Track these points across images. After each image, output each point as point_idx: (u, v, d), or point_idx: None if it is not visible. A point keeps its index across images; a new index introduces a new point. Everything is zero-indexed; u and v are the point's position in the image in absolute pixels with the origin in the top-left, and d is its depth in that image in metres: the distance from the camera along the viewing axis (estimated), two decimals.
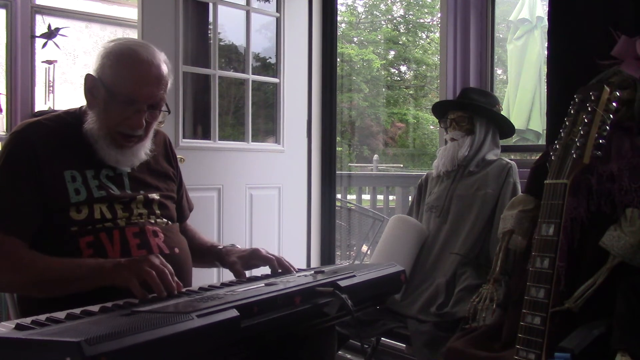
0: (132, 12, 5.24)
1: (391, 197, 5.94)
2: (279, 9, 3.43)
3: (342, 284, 1.25)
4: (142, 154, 1.57)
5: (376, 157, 12.02)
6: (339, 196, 4.60)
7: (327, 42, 3.55)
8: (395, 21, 15.21)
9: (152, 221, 1.57)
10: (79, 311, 1.09)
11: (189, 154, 3.04)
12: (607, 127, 1.39)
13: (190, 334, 0.91)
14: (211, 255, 1.74)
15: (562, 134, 1.44)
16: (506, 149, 2.78)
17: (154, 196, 1.61)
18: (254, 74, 3.41)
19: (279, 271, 1.57)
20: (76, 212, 1.45)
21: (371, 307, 1.50)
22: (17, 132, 1.50)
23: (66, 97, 5.03)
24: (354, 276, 1.32)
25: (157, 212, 1.60)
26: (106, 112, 1.49)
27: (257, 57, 3.78)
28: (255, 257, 1.65)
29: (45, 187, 1.44)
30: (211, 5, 3.24)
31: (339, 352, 2.89)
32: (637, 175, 1.56)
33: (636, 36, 1.73)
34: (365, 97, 13.90)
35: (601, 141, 1.39)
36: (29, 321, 1.00)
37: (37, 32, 3.98)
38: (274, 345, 1.17)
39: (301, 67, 3.50)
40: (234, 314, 1.00)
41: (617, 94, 1.44)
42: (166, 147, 1.75)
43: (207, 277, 2.90)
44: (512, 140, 3.50)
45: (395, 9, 15.43)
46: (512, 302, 1.67)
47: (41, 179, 1.44)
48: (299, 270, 1.60)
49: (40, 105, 4.08)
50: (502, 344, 1.63)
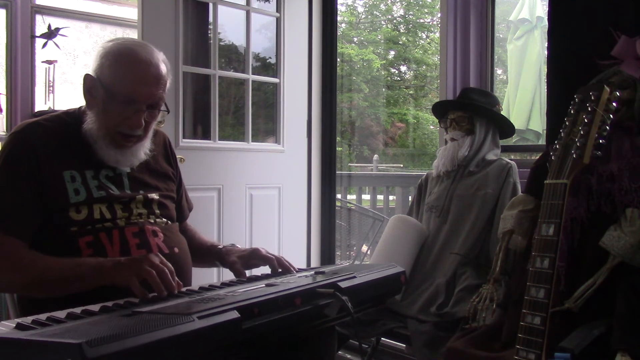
0: (132, 12, 5.24)
1: (391, 197, 5.94)
2: (279, 9, 3.43)
3: (343, 285, 1.24)
4: (142, 153, 1.57)
5: (376, 157, 12.01)
6: (339, 196, 4.60)
7: (327, 42, 3.55)
8: (395, 21, 15.21)
9: (152, 221, 1.56)
10: (79, 311, 1.09)
11: (189, 154, 3.04)
12: (607, 127, 1.39)
13: (191, 336, 0.91)
14: (211, 255, 1.74)
15: (562, 134, 1.44)
16: (506, 149, 2.78)
17: (154, 196, 1.60)
18: (254, 74, 3.40)
19: (279, 271, 1.57)
20: (76, 212, 1.45)
21: (371, 308, 1.50)
22: (17, 132, 1.49)
23: (66, 97, 5.03)
24: (355, 277, 1.31)
25: (157, 212, 1.60)
26: (105, 112, 1.49)
27: (257, 57, 3.77)
28: (255, 257, 1.65)
29: (44, 188, 1.44)
30: (211, 5, 3.24)
31: (339, 352, 2.89)
32: (637, 175, 1.56)
33: (636, 36, 1.73)
34: (365, 97, 13.89)
35: (601, 141, 1.39)
36: (29, 321, 1.00)
37: (37, 32, 3.98)
38: (274, 346, 1.17)
39: (301, 67, 3.50)
40: (235, 315, 1.00)
41: (617, 94, 1.44)
42: (166, 147, 1.75)
43: (207, 276, 2.90)
44: (512, 140, 3.50)
45: (395, 9, 15.43)
46: (512, 302, 1.67)
47: (41, 179, 1.44)
48: (299, 270, 1.60)
49: (40, 105, 4.07)
50: (502, 344, 1.63)
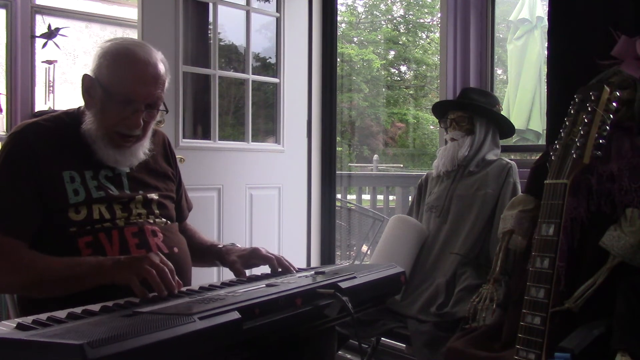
0: (132, 12, 5.24)
1: (391, 197, 5.94)
2: (279, 9, 3.43)
3: (343, 285, 1.24)
4: (141, 153, 1.57)
5: (376, 157, 12.01)
6: (339, 196, 4.60)
7: (327, 42, 3.55)
8: (395, 21, 15.21)
9: (151, 221, 1.56)
10: (80, 311, 1.08)
11: (189, 154, 3.04)
12: (607, 127, 1.39)
13: (192, 336, 0.91)
14: (211, 254, 1.74)
15: (562, 134, 1.45)
16: (506, 149, 2.78)
17: (153, 196, 1.60)
18: (254, 74, 3.40)
19: (279, 270, 1.57)
20: (75, 212, 1.45)
21: (371, 308, 1.50)
22: (16, 133, 1.49)
23: (66, 97, 5.03)
24: (355, 277, 1.31)
25: (156, 212, 1.59)
26: (104, 112, 1.48)
27: (257, 57, 3.77)
28: (255, 257, 1.65)
29: (44, 188, 1.44)
30: (211, 5, 3.24)
31: (339, 352, 2.89)
32: (637, 175, 1.56)
33: (636, 36, 1.73)
34: (365, 97, 13.89)
35: (601, 141, 1.39)
36: (30, 321, 0.99)
37: (37, 32, 3.98)
38: (274, 346, 1.17)
39: (301, 67, 3.50)
40: (236, 315, 1.00)
41: (617, 94, 1.44)
42: (165, 147, 1.75)
43: (207, 276, 2.90)
44: (512, 140, 3.50)
45: (395, 9, 15.43)
46: (512, 302, 1.67)
47: (40, 180, 1.44)
48: (299, 270, 1.60)
49: (40, 105, 4.07)
50: (502, 344, 1.63)
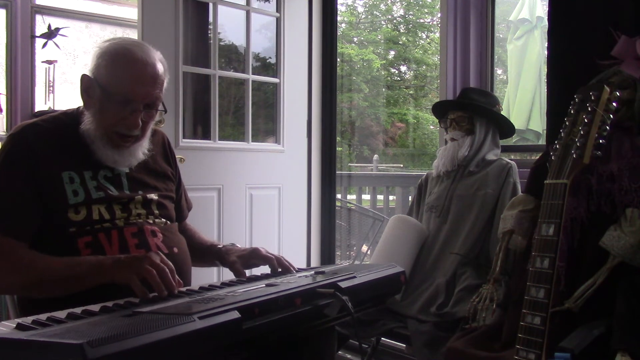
0: (132, 12, 5.24)
1: (391, 197, 5.94)
2: (279, 9, 3.43)
3: (343, 285, 1.24)
4: (140, 153, 1.56)
5: (376, 157, 12.01)
6: (339, 196, 4.60)
7: (327, 42, 3.55)
8: (395, 21, 15.21)
9: (151, 221, 1.56)
10: (79, 311, 1.08)
11: (189, 154, 3.04)
12: (607, 127, 1.39)
13: (191, 336, 0.91)
14: (211, 254, 1.74)
15: (562, 134, 1.44)
16: (506, 149, 2.78)
17: (153, 196, 1.60)
18: (254, 74, 3.40)
19: (279, 270, 1.57)
20: (74, 213, 1.44)
21: (371, 308, 1.50)
22: (15, 133, 1.49)
23: (66, 97, 5.02)
24: (355, 277, 1.31)
25: (156, 212, 1.59)
26: (102, 112, 1.48)
27: (257, 57, 3.77)
28: (255, 257, 1.65)
29: (43, 188, 1.43)
30: (211, 5, 3.24)
31: (339, 352, 2.89)
32: (637, 175, 1.56)
33: (636, 36, 1.73)
34: (365, 97, 13.89)
35: (601, 141, 1.39)
36: (29, 321, 0.99)
37: (37, 32, 3.98)
38: (274, 346, 1.17)
39: (301, 67, 3.50)
40: (236, 315, 1.00)
41: (617, 94, 1.44)
42: (165, 147, 1.74)
43: (207, 276, 2.90)
44: (512, 140, 3.50)
45: (395, 9, 15.43)
46: (512, 302, 1.67)
47: (39, 180, 1.43)
48: (298, 269, 1.60)
49: (40, 105, 4.07)
50: (502, 344, 1.63)
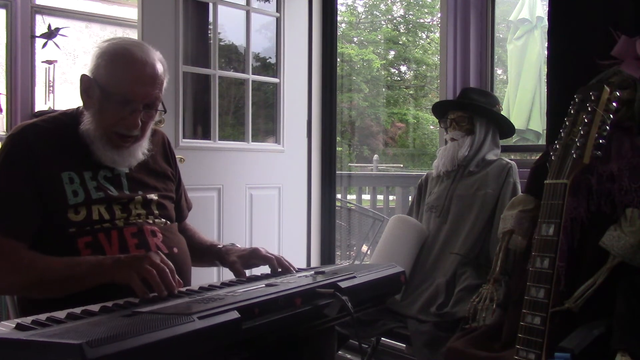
0: (132, 12, 5.24)
1: (391, 197, 5.94)
2: (279, 9, 3.43)
3: (343, 285, 1.24)
4: (140, 154, 1.56)
5: (376, 157, 12.00)
6: (339, 196, 4.60)
7: (327, 42, 3.55)
8: (395, 21, 15.21)
9: (151, 221, 1.56)
10: (79, 311, 1.08)
11: (189, 154, 3.04)
12: (607, 127, 1.39)
13: (191, 336, 0.91)
14: (211, 254, 1.74)
15: (562, 134, 1.44)
16: (506, 149, 2.78)
17: (153, 197, 1.60)
18: (254, 74, 3.40)
19: (279, 270, 1.57)
20: (74, 213, 1.44)
21: (371, 308, 1.50)
22: (14, 134, 1.49)
23: (66, 97, 5.02)
24: (355, 277, 1.31)
25: (156, 212, 1.59)
26: (102, 112, 1.48)
27: (257, 57, 3.77)
28: (255, 257, 1.65)
29: (43, 189, 1.43)
30: (211, 5, 3.24)
31: (339, 352, 2.89)
32: (637, 175, 1.56)
33: (636, 36, 1.73)
34: (365, 97, 13.89)
35: (601, 141, 1.39)
36: (29, 321, 0.99)
37: (37, 32, 3.98)
38: (274, 346, 1.17)
39: (301, 67, 3.50)
40: (235, 315, 1.00)
41: (617, 94, 1.44)
42: (165, 147, 1.74)
43: (207, 276, 2.90)
44: (512, 140, 3.50)
45: (395, 9, 15.43)
46: (512, 302, 1.67)
47: (39, 181, 1.43)
48: (298, 269, 1.60)
49: (40, 105, 4.07)
50: (502, 344, 1.63)
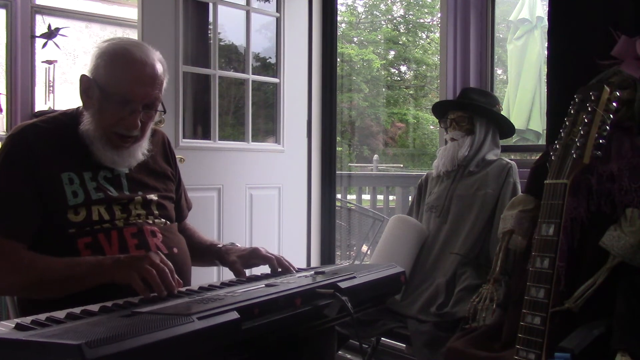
0: (132, 12, 5.23)
1: (391, 197, 5.94)
2: (279, 9, 3.43)
3: (343, 285, 1.24)
4: (139, 154, 1.56)
5: (376, 157, 12.00)
6: (339, 196, 4.60)
7: (327, 42, 3.55)
8: (395, 21, 15.20)
9: (150, 222, 1.56)
10: (79, 311, 1.08)
11: (189, 154, 3.04)
12: (607, 127, 1.39)
13: (190, 337, 0.91)
14: (211, 254, 1.74)
15: (562, 134, 1.44)
16: (506, 149, 2.78)
17: (152, 197, 1.60)
18: (254, 74, 3.40)
19: (279, 270, 1.57)
20: (74, 214, 1.44)
21: (371, 308, 1.50)
22: (14, 134, 1.49)
23: (66, 97, 5.02)
24: (354, 277, 1.31)
25: (156, 212, 1.59)
26: (101, 112, 1.48)
27: (257, 57, 3.77)
28: (255, 256, 1.65)
29: (43, 189, 1.43)
30: (211, 5, 3.24)
31: (339, 352, 2.89)
32: (637, 175, 1.56)
33: (636, 36, 1.73)
34: (365, 97, 13.89)
35: (601, 141, 1.39)
36: (28, 321, 0.99)
37: (37, 32, 3.98)
38: (274, 346, 1.17)
39: (301, 67, 3.50)
40: (235, 316, 1.00)
41: (617, 94, 1.44)
42: (165, 147, 1.74)
43: (206, 276, 2.90)
44: (512, 140, 3.50)
45: (395, 9, 15.42)
46: (512, 302, 1.67)
47: (39, 181, 1.43)
48: (298, 269, 1.60)
49: (40, 105, 4.07)
50: (502, 344, 1.63)
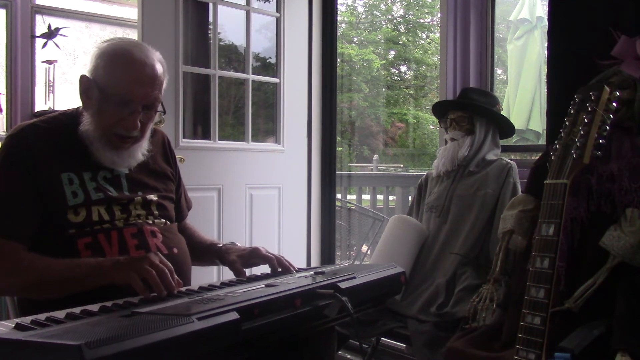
0: (132, 12, 5.23)
1: (391, 197, 5.94)
2: (279, 9, 3.43)
3: (343, 285, 1.24)
4: (139, 154, 1.56)
5: (376, 157, 12.00)
6: (339, 196, 4.60)
7: (327, 42, 3.55)
8: (395, 21, 15.20)
9: (150, 222, 1.56)
10: (78, 311, 1.08)
11: (189, 154, 3.04)
12: (607, 127, 1.39)
13: (190, 337, 0.91)
14: (211, 253, 1.74)
15: (562, 134, 1.44)
16: (506, 149, 2.78)
17: (152, 197, 1.60)
18: (254, 74, 3.40)
19: (279, 270, 1.57)
20: (74, 214, 1.44)
21: (371, 309, 1.50)
22: (14, 134, 1.48)
23: (66, 97, 5.02)
24: (354, 278, 1.31)
25: (155, 212, 1.59)
26: (101, 113, 1.47)
27: (257, 57, 3.77)
28: (255, 256, 1.64)
29: (42, 190, 1.43)
30: (211, 5, 3.24)
31: (339, 352, 2.89)
32: (637, 175, 1.56)
33: (636, 36, 1.73)
34: (365, 97, 13.89)
35: (601, 141, 1.39)
36: (28, 321, 0.99)
37: (37, 32, 3.98)
38: (274, 346, 1.17)
39: (301, 67, 3.50)
40: (235, 316, 1.00)
41: (617, 94, 1.44)
42: (164, 147, 1.74)
43: (206, 276, 2.90)
44: (512, 140, 3.50)
45: (395, 9, 15.42)
46: (512, 302, 1.67)
47: (39, 181, 1.43)
48: (298, 269, 1.60)
49: (40, 105, 4.07)
50: (502, 344, 1.62)
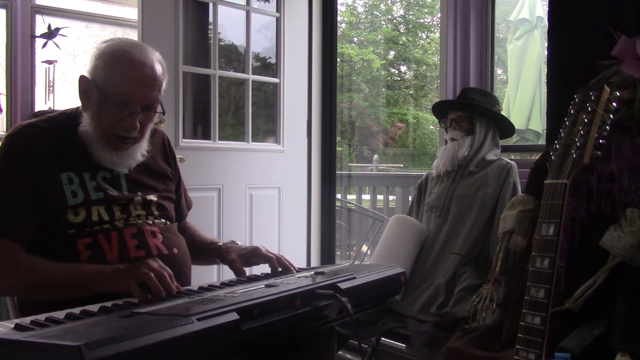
0: (132, 12, 5.23)
1: (391, 197, 5.94)
2: (279, 9, 3.43)
3: (343, 286, 1.24)
4: (139, 155, 1.56)
5: (376, 157, 12.00)
6: (339, 196, 4.60)
7: (327, 42, 3.55)
8: (395, 21, 15.20)
9: (150, 222, 1.56)
10: (78, 311, 1.08)
11: (189, 154, 3.04)
12: (607, 127, 1.39)
13: (190, 338, 0.91)
14: (211, 252, 1.74)
15: (562, 134, 1.44)
16: (506, 149, 2.78)
17: (152, 197, 1.60)
18: (254, 74, 3.40)
19: (279, 270, 1.57)
20: (74, 214, 1.44)
21: (371, 309, 1.49)
22: (13, 134, 1.48)
23: (66, 97, 5.01)
24: (354, 278, 1.31)
25: (155, 213, 1.59)
26: (100, 114, 1.47)
27: (257, 57, 3.77)
28: (255, 255, 1.64)
29: (42, 189, 1.43)
30: (211, 5, 3.24)
31: (339, 352, 2.89)
32: (637, 175, 1.56)
33: (636, 36, 1.73)
34: (365, 97, 13.88)
35: (601, 141, 1.39)
36: (28, 321, 0.99)
37: (37, 32, 3.98)
38: (274, 347, 1.17)
39: (301, 67, 3.50)
40: (235, 317, 1.00)
41: (617, 94, 1.44)
42: (164, 147, 1.74)
43: (206, 276, 2.90)
44: (512, 140, 3.50)
45: (395, 9, 15.42)
46: (512, 302, 1.67)
47: (38, 181, 1.43)
48: (299, 269, 1.60)
49: (40, 105, 4.07)
50: (502, 344, 1.62)
